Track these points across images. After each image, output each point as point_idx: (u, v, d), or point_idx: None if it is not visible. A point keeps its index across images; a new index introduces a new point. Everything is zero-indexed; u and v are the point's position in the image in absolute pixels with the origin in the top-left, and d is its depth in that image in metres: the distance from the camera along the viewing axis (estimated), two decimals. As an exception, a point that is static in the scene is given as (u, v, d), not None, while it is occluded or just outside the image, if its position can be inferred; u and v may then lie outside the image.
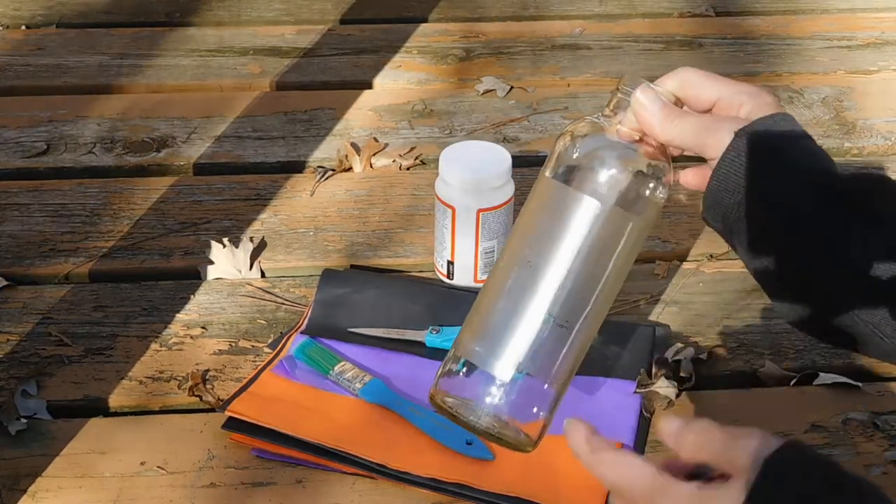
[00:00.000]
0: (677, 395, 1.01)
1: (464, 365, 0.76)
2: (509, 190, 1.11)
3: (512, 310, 0.75)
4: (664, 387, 1.00)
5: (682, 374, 1.03)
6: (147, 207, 1.26)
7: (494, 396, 0.74)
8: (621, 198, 0.74)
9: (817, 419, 1.00)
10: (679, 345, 1.06)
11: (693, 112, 0.75)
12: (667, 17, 1.67)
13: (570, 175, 0.74)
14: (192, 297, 1.13)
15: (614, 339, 1.06)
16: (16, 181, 1.30)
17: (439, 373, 0.77)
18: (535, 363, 0.75)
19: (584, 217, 0.73)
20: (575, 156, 0.75)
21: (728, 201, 0.73)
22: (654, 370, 1.02)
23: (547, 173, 0.76)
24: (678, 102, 0.75)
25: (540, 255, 0.74)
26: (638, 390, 1.00)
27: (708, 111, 0.76)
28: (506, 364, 0.74)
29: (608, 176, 0.74)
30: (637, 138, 0.75)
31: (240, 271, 1.16)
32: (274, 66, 1.52)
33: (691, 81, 0.76)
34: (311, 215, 1.25)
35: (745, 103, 0.74)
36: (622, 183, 0.74)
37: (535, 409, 0.75)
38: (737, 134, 0.72)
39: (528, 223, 0.76)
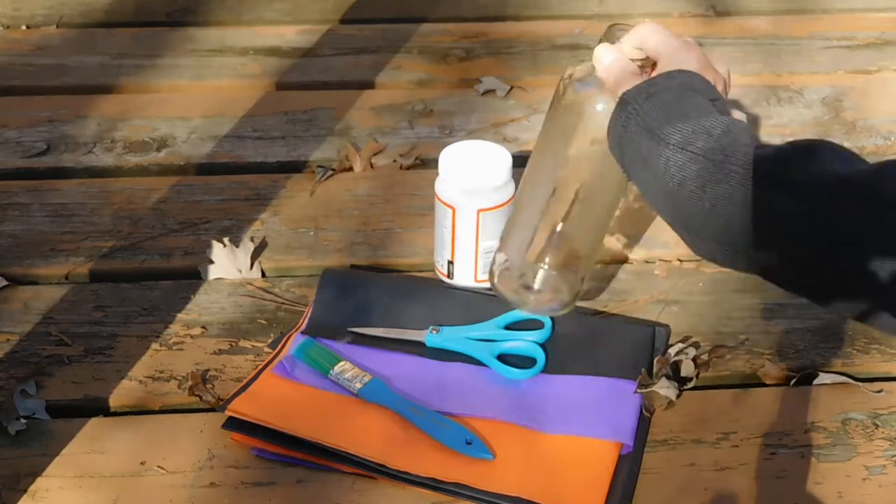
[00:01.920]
0: (678, 396, 1.01)
1: (500, 259, 1.05)
2: (509, 190, 1.11)
3: (525, 219, 1.03)
4: (665, 387, 1.00)
5: (682, 375, 1.03)
6: (147, 207, 1.26)
7: (529, 283, 1.04)
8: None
9: (817, 419, 1.00)
10: (680, 344, 1.06)
11: (623, 67, 0.92)
12: (667, 17, 1.67)
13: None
14: (192, 297, 1.13)
15: (614, 339, 1.06)
16: (16, 181, 1.30)
17: (491, 266, 1.06)
18: (551, 258, 1.02)
19: (568, 119, 0.98)
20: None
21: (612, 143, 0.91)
22: (655, 369, 1.02)
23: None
24: (647, 60, 0.92)
25: (540, 165, 1.02)
26: (639, 390, 1.00)
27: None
28: (529, 258, 1.03)
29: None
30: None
31: (240, 271, 1.16)
32: (274, 66, 1.52)
33: (645, 37, 0.92)
34: (311, 215, 1.25)
35: (661, 59, 0.91)
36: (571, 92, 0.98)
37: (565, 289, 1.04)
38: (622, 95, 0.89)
39: (539, 139, 1.02)
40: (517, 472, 0.94)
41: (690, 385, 1.02)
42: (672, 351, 1.05)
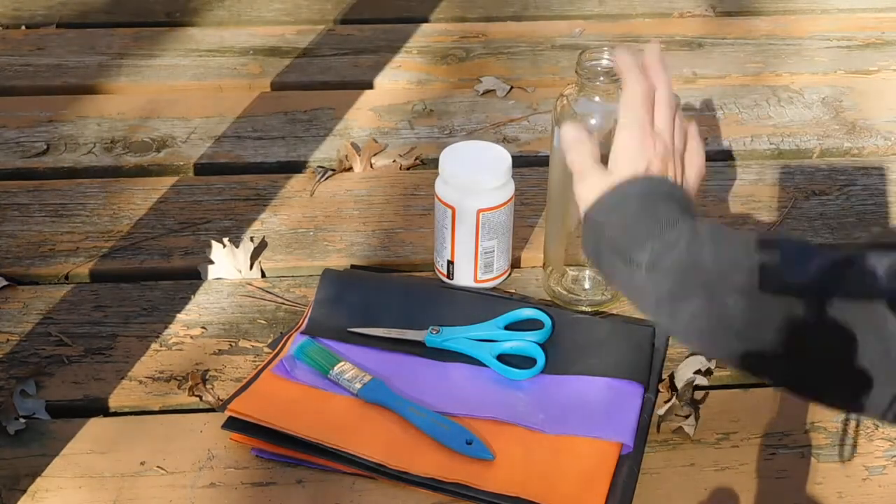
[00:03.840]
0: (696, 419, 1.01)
1: (547, 271, 1.15)
2: (509, 190, 1.11)
3: (558, 230, 1.12)
4: (690, 425, 0.99)
5: (695, 398, 1.02)
6: (147, 207, 1.26)
7: (575, 286, 1.14)
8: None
9: (817, 419, 1.00)
10: (692, 375, 1.03)
11: (586, 151, 0.91)
12: (667, 17, 1.68)
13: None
14: (192, 297, 1.13)
15: (614, 339, 1.06)
16: (16, 181, 1.30)
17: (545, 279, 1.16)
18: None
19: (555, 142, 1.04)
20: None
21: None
22: (674, 401, 1.01)
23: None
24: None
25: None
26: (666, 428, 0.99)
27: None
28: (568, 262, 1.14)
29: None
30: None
31: (240, 271, 1.16)
32: (274, 66, 1.52)
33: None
34: (311, 215, 1.25)
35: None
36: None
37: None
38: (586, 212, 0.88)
39: (551, 157, 1.10)
40: (517, 473, 0.94)
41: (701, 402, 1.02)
42: (682, 375, 1.03)
